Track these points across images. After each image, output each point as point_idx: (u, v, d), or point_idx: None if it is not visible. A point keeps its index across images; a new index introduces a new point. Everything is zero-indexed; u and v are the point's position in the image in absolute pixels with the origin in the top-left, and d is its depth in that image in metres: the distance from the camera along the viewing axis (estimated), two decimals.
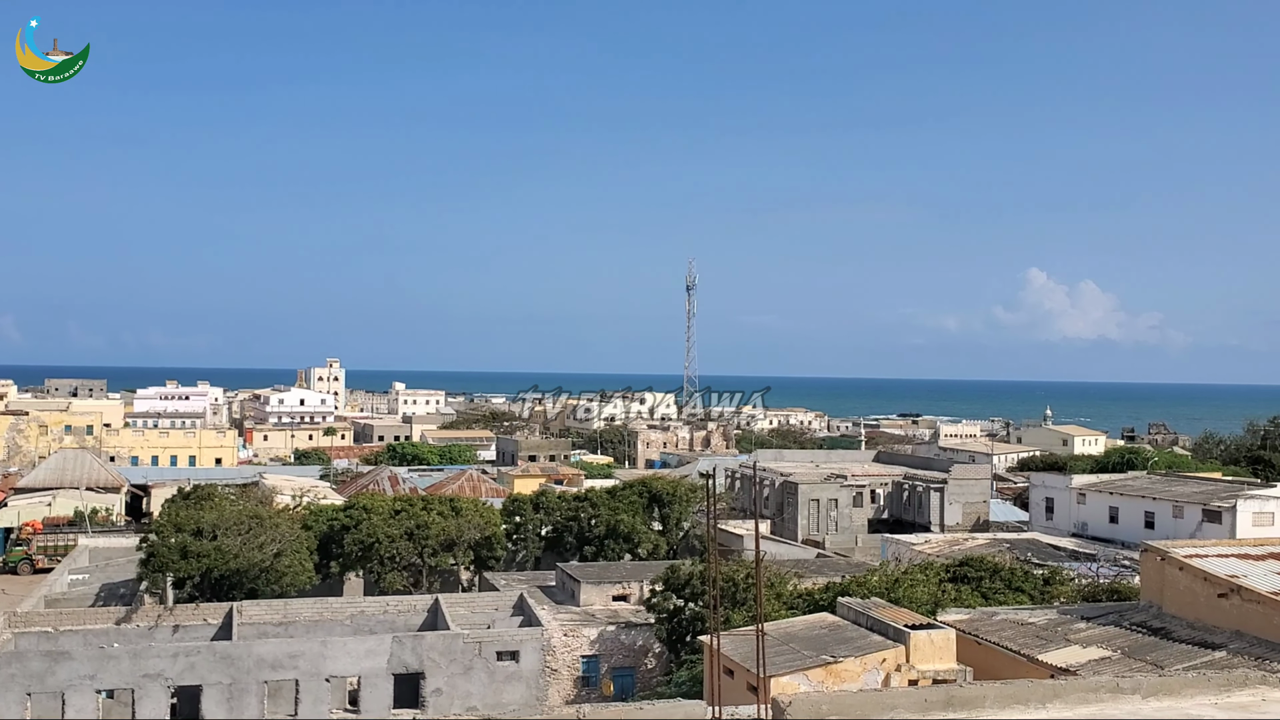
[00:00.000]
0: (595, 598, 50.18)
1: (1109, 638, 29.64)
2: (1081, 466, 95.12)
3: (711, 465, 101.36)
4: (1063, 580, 43.97)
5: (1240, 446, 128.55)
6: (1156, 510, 63.52)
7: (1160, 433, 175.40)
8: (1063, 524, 69.97)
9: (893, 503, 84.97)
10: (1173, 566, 30.55)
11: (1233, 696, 11.91)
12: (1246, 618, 27.84)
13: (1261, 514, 59.24)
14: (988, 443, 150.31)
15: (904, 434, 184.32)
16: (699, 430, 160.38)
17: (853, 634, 29.32)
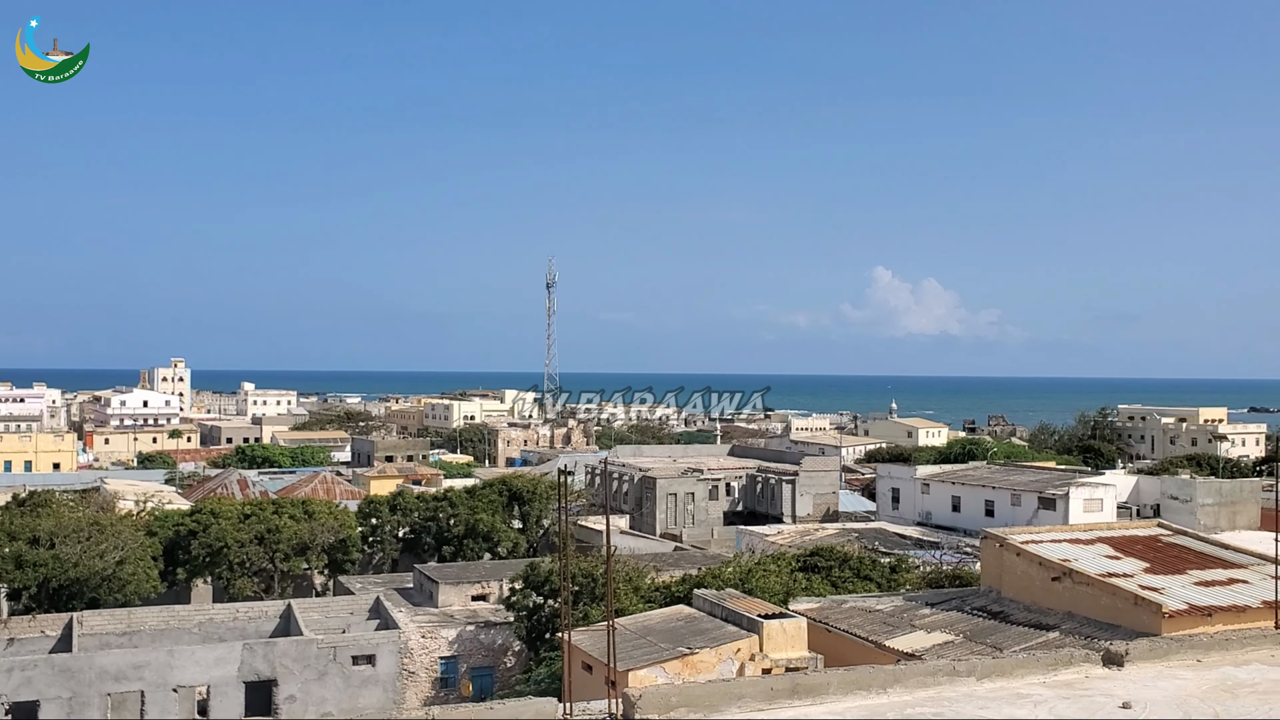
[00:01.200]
0: (454, 598, 49.80)
1: (952, 622, 30.75)
2: (925, 457, 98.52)
3: (572, 462, 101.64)
4: (908, 568, 45.50)
5: (1072, 437, 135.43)
6: (996, 499, 66.23)
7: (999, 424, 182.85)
8: (908, 513, 72.31)
9: (747, 495, 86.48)
10: (1010, 552, 31.81)
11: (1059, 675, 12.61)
12: (1078, 599, 29.15)
13: (1092, 500, 62.36)
14: (837, 435, 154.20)
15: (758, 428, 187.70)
16: (560, 427, 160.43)
17: (708, 625, 29.85)
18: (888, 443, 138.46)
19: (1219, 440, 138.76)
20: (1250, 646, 14.95)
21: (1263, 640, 15.18)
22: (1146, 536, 34.33)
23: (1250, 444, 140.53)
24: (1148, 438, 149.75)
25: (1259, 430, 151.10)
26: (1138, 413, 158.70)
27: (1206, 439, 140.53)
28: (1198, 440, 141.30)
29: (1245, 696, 12.39)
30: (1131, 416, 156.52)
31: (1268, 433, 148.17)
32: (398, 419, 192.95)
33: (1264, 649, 14.92)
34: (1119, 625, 27.07)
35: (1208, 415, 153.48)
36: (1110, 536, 33.70)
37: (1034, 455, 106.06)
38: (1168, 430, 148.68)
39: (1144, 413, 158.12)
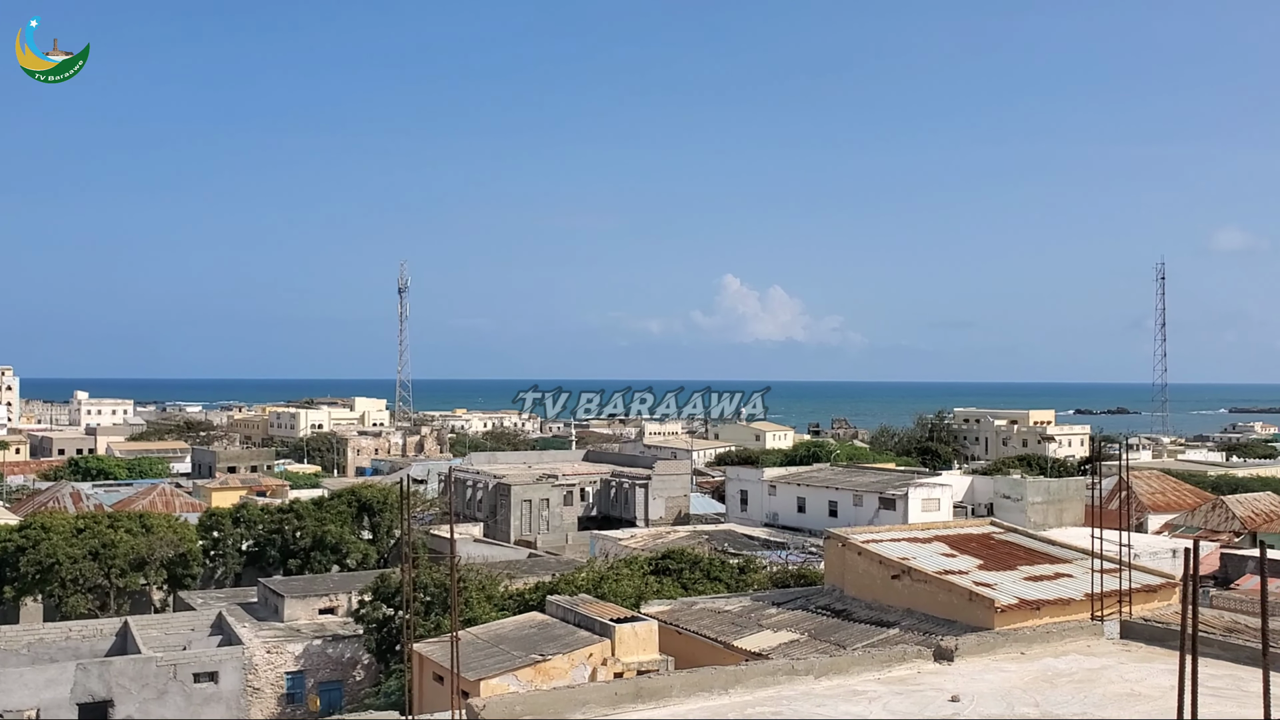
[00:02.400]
0: (300, 612, 48.69)
1: (797, 621, 31.51)
2: (772, 460, 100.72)
3: (424, 470, 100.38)
4: (756, 568, 46.47)
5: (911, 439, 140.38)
6: (839, 499, 68.17)
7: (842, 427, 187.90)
8: (756, 514, 73.79)
9: (601, 500, 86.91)
10: (852, 552, 32.70)
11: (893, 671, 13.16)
12: (916, 596, 30.12)
13: (930, 500, 64.80)
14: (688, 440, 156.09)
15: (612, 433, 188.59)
16: (412, 435, 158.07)
17: (561, 631, 29.98)
18: (737, 446, 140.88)
19: (1047, 441, 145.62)
20: (1069, 638, 15.86)
21: (1080, 632, 16.12)
22: (980, 534, 35.67)
23: (1075, 444, 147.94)
24: (982, 439, 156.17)
25: (1083, 431, 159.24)
26: (972, 415, 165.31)
27: (1036, 440, 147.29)
28: (1028, 441, 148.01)
29: (1063, 686, 13.16)
30: (966, 419, 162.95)
31: (1090, 434, 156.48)
32: (241, 428, 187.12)
33: (1081, 640, 15.85)
34: (955, 621, 28.03)
35: (1037, 417, 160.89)
36: (946, 535, 34.86)
37: (875, 457, 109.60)
38: (1000, 432, 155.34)
39: (978, 415, 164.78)
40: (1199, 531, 67.47)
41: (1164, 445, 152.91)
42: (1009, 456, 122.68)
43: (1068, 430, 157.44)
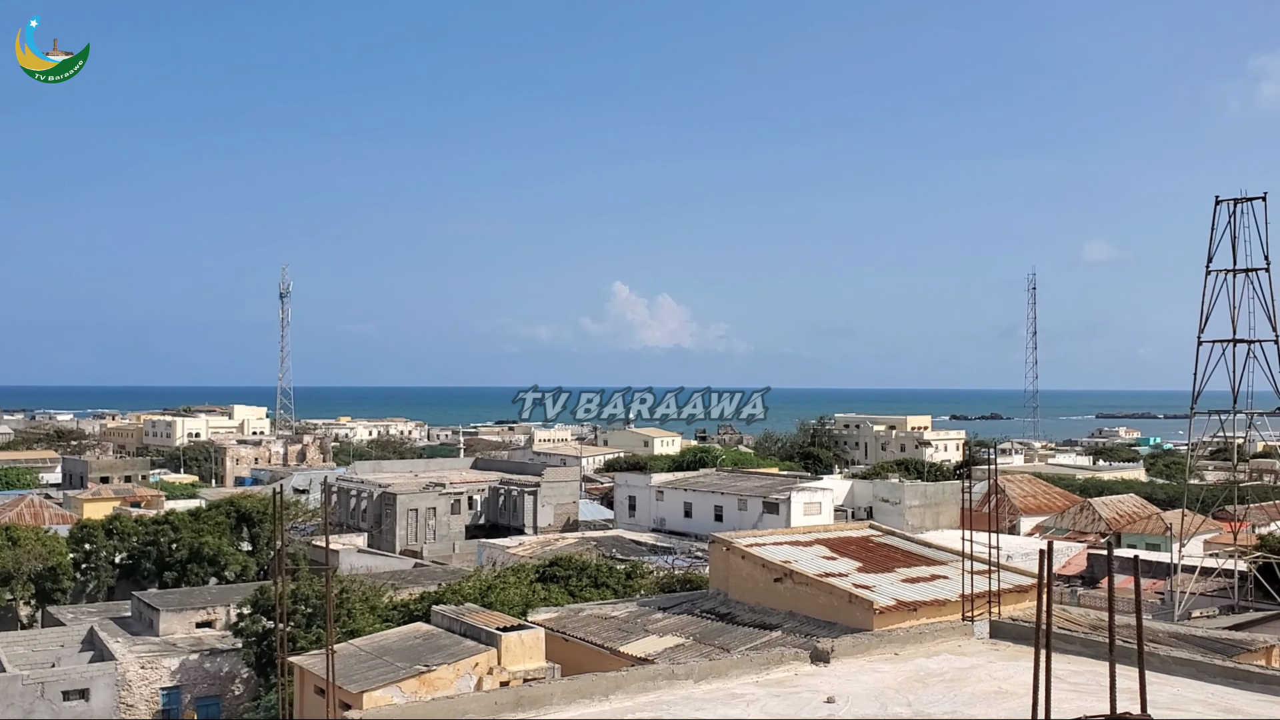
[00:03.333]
0: (177, 626, 47.39)
1: (683, 625, 31.82)
2: (660, 465, 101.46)
3: (307, 480, 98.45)
4: (643, 574, 46.80)
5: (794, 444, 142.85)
6: (724, 504, 69.04)
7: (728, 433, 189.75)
8: (644, 520, 74.26)
9: (489, 508, 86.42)
10: (736, 555, 33.14)
11: (771, 674, 13.44)
12: (798, 599, 30.64)
13: (811, 504, 66.04)
14: (577, 446, 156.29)
15: (501, 440, 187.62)
16: (294, 444, 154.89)
17: (447, 641, 29.77)
18: (625, 452, 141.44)
19: (924, 446, 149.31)
20: (941, 639, 16.41)
21: (952, 632, 16.68)
22: (860, 537, 36.45)
23: (951, 449, 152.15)
24: (862, 444, 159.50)
25: (958, 436, 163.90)
26: (853, 421, 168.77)
27: (913, 445, 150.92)
28: (905, 446, 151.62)
29: (935, 685, 13.62)
30: (847, 425, 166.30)
31: (965, 438, 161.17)
32: (114, 437, 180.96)
33: (953, 640, 16.41)
34: (836, 622, 28.59)
35: (914, 423, 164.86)
36: (827, 538, 35.54)
37: (759, 462, 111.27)
38: (879, 437, 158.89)
39: (858, 421, 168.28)
40: (1068, 533, 70.08)
41: (1035, 450, 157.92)
42: (888, 461, 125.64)
43: (944, 435, 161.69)
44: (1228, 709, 13.72)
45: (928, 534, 46.28)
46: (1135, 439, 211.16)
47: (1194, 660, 15.70)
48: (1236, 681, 14.92)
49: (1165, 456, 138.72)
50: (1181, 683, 14.93)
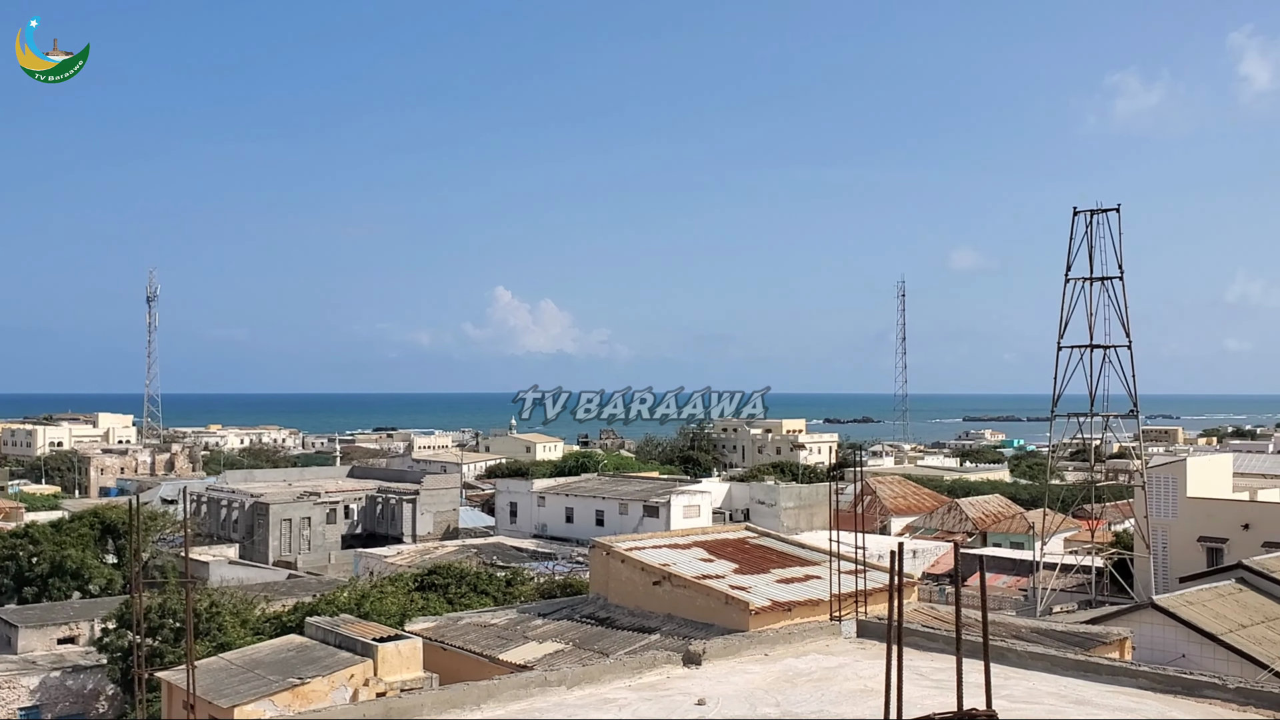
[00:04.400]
0: (37, 643, 45.63)
1: (562, 631, 31.91)
2: (542, 471, 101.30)
3: (175, 490, 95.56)
4: (524, 580, 46.78)
5: (675, 448, 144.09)
6: (606, 508, 69.34)
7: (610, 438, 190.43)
8: (525, 526, 74.11)
9: (367, 517, 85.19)
10: (616, 560, 33.34)
11: (644, 677, 13.62)
12: (677, 601, 31.00)
13: (690, 506, 66.79)
14: (458, 453, 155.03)
15: (380, 448, 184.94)
16: (162, 453, 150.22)
17: (321, 653, 29.32)
18: (507, 458, 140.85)
19: (799, 449, 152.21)
20: (810, 638, 16.83)
21: (820, 632, 17.14)
22: (736, 539, 37.01)
23: (825, 451, 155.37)
24: (739, 447, 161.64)
25: (832, 439, 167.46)
26: (730, 425, 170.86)
27: (789, 448, 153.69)
28: (781, 449, 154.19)
29: (803, 685, 13.99)
30: (725, 428, 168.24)
31: (838, 441, 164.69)
32: None
33: (821, 640, 16.86)
34: (713, 624, 29.02)
35: (790, 426, 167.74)
36: (705, 540, 35.99)
37: (640, 466, 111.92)
38: (756, 440, 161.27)
39: (736, 425, 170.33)
40: (936, 532, 72.24)
41: (905, 452, 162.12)
42: (764, 464, 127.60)
43: (818, 438, 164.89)
44: (1078, 699, 14.41)
45: (802, 535, 47.22)
46: (1000, 441, 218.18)
47: (1049, 655, 16.43)
48: (1087, 674, 15.67)
49: (1028, 458, 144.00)
50: (1037, 676, 15.62)
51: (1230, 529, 50.42)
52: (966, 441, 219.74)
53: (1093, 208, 50.78)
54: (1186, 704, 14.36)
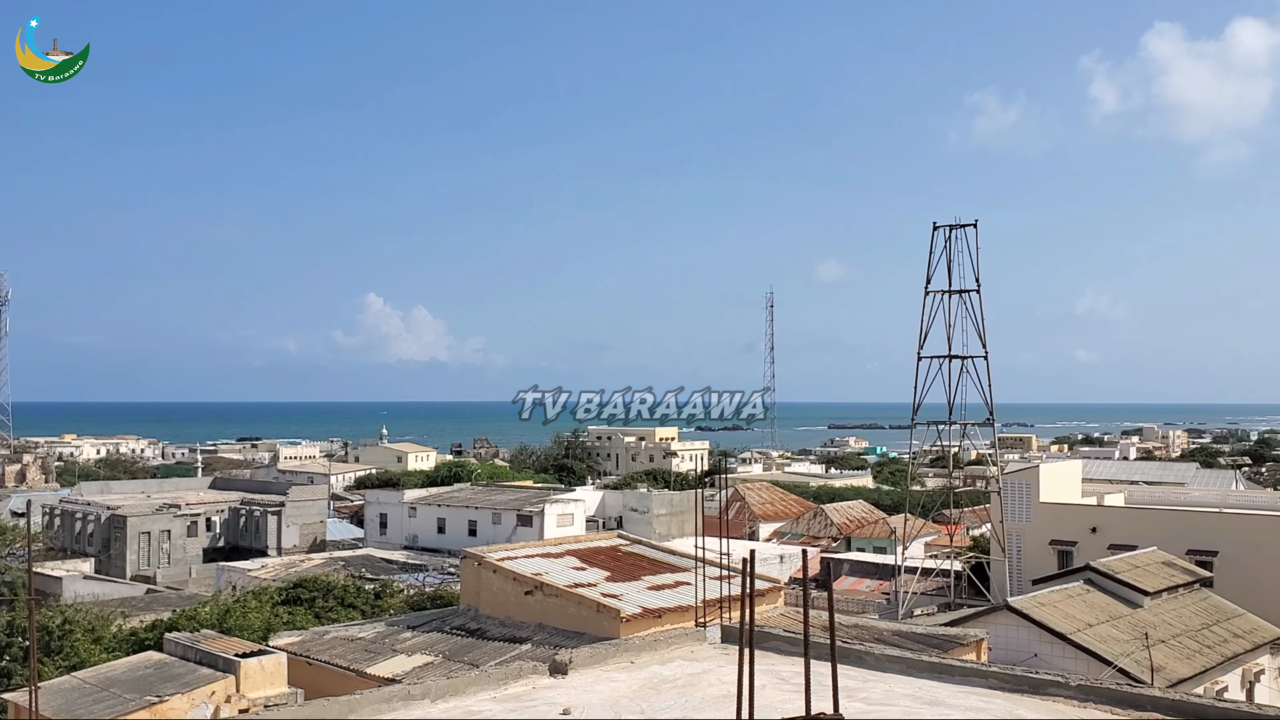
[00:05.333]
0: None
1: (432, 643, 31.67)
2: (414, 481, 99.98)
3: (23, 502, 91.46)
4: (393, 592, 46.20)
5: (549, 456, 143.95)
6: (479, 518, 68.92)
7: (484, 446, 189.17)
8: (396, 538, 73.15)
9: (230, 529, 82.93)
10: (487, 570, 33.27)
11: (509, 688, 13.65)
12: (548, 611, 31.09)
13: (564, 515, 66.86)
14: (326, 463, 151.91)
15: (244, 458, 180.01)
16: (12, 464, 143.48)
17: (181, 670, 28.48)
18: (378, 468, 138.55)
19: (671, 456, 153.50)
20: (675, 645, 17.10)
21: (685, 639, 17.41)
22: (608, 547, 37.28)
23: (697, 459, 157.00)
24: (613, 455, 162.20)
25: (703, 446, 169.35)
26: (605, 432, 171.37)
27: (661, 455, 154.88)
28: (654, 456, 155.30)
29: (667, 692, 14.21)
30: (600, 436, 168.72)
31: (710, 448, 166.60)
32: None
33: (686, 646, 17.14)
34: (585, 632, 29.17)
35: (663, 434, 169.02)
36: (577, 549, 36.16)
37: (515, 475, 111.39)
38: (630, 448, 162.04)
39: (610, 432, 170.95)
40: (803, 537, 73.73)
41: (773, 459, 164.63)
42: (637, 471, 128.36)
43: (690, 446, 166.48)
44: (932, 700, 14.94)
45: (673, 541, 47.75)
46: (864, 448, 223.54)
47: (905, 657, 16.99)
48: (940, 675, 16.26)
49: (890, 464, 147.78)
50: (894, 679, 16.13)
51: (1079, 532, 52.74)
52: (832, 448, 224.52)
53: (951, 223, 52.57)
54: (1032, 702, 15.01)
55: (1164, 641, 38.22)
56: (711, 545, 25.74)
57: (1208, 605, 43.67)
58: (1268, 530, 48.82)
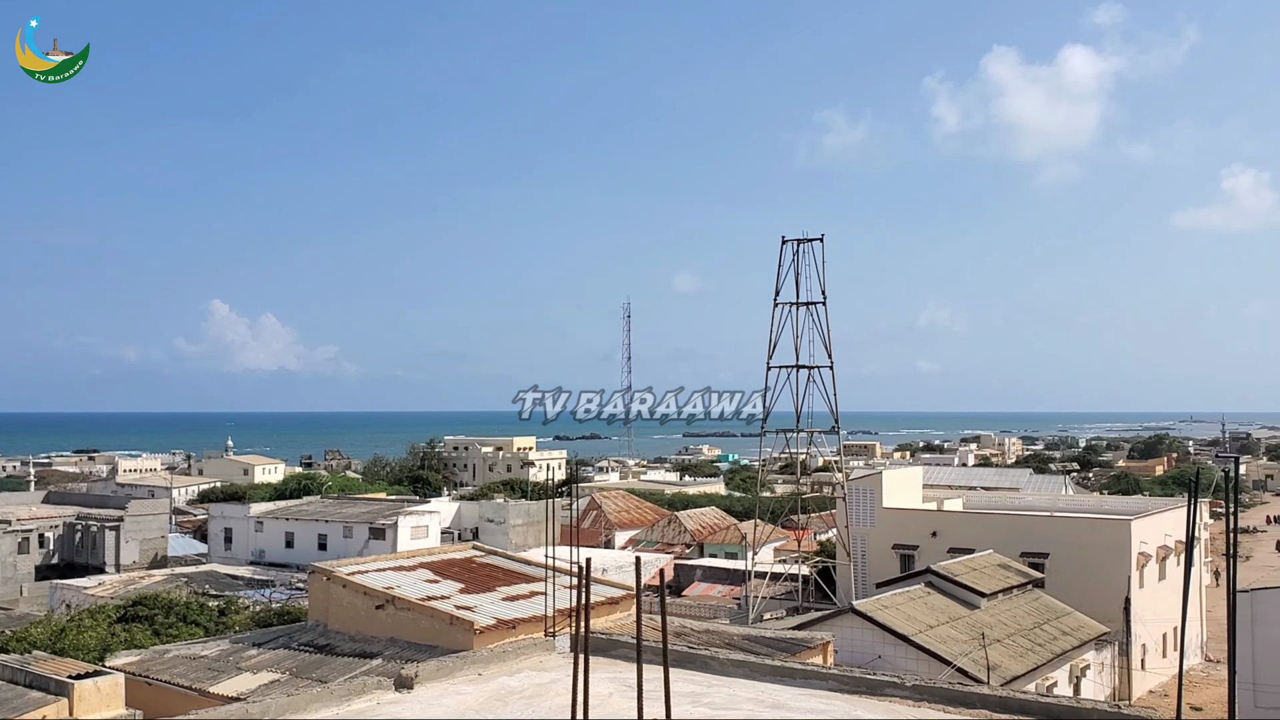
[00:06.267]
0: None
1: (279, 660, 31.01)
2: (261, 495, 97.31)
3: None
4: (239, 609, 45.00)
5: (404, 467, 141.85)
6: (329, 532, 67.55)
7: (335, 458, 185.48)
8: (242, 553, 71.17)
9: (64, 545, 79.37)
10: (337, 584, 32.75)
11: (353, 704, 13.51)
12: (400, 625, 30.76)
13: (419, 527, 66.06)
14: (168, 476, 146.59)
15: (80, 471, 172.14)
16: None
17: (9, 694, 27.23)
18: (223, 481, 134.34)
19: (529, 466, 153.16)
20: (524, 655, 17.20)
21: (534, 649, 17.54)
22: (463, 558, 37.13)
23: (549, 469, 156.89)
24: (470, 466, 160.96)
25: (560, 456, 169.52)
26: (461, 443, 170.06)
27: (519, 465, 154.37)
28: (512, 466, 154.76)
29: (514, 703, 14.30)
30: (456, 446, 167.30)
31: (568, 457, 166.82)
32: None
33: (535, 656, 17.27)
34: (438, 645, 28.96)
35: (520, 444, 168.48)
36: (431, 561, 35.91)
37: (368, 487, 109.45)
38: (487, 458, 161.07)
39: (467, 443, 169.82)
40: (657, 544, 74.54)
41: (629, 467, 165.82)
42: (494, 482, 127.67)
43: (547, 455, 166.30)
44: (774, 703, 15.40)
45: (530, 551, 47.72)
46: (717, 455, 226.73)
47: (749, 661, 17.45)
48: (782, 678, 16.76)
49: (742, 471, 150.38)
50: (738, 683, 16.54)
51: (920, 536, 54.70)
52: (686, 456, 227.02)
53: (799, 237, 54.02)
54: (870, 703, 15.60)
55: (999, 641, 40.01)
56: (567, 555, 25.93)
57: (1039, 605, 45.86)
58: (1094, 532, 51.44)
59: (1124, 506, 60.73)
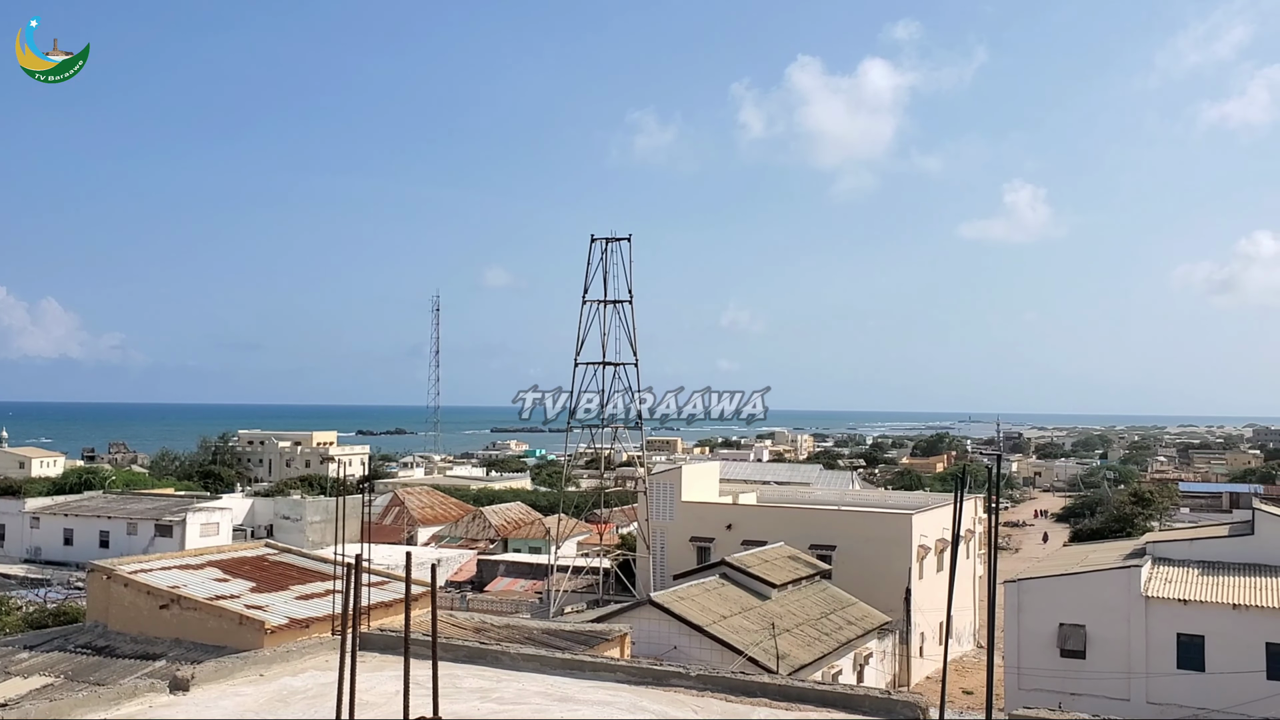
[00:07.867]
0: None
1: (54, 664, 29.58)
2: (38, 489, 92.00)
3: None
4: (10, 610, 42.78)
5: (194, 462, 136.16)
6: (112, 529, 64.53)
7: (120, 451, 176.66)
8: (15, 550, 67.49)
9: None
10: (118, 584, 31.44)
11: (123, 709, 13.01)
12: (187, 625, 29.77)
13: (209, 524, 63.76)
14: None
15: None
16: None
17: None
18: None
19: (329, 461, 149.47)
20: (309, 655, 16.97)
21: (320, 648, 17.32)
22: (255, 557, 36.12)
23: (357, 464, 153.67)
24: (266, 461, 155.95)
25: (363, 451, 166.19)
26: (257, 437, 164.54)
27: (319, 460, 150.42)
28: (311, 462, 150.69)
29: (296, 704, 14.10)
30: (251, 441, 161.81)
31: (370, 453, 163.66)
32: None
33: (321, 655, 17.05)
34: (226, 646, 28.17)
35: (320, 439, 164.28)
36: (221, 559, 34.86)
37: (155, 482, 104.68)
38: (284, 453, 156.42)
39: (263, 437, 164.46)
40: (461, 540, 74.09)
41: (435, 463, 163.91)
42: (292, 477, 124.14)
43: (349, 451, 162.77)
44: (563, 697, 15.67)
45: (328, 549, 46.73)
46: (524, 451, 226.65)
47: (539, 655, 17.67)
48: (572, 671, 17.06)
49: (549, 466, 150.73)
50: (528, 677, 16.75)
51: (717, 529, 56.24)
52: (494, 452, 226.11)
53: (608, 236, 54.69)
54: (656, 693, 16.06)
55: (789, 631, 41.55)
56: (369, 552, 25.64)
57: (826, 595, 47.83)
58: (877, 526, 54.01)
59: (906, 501, 63.96)
